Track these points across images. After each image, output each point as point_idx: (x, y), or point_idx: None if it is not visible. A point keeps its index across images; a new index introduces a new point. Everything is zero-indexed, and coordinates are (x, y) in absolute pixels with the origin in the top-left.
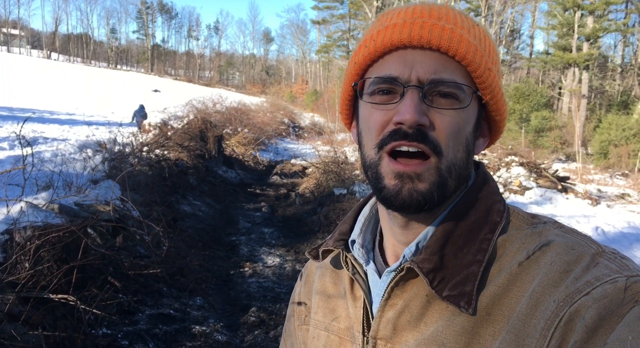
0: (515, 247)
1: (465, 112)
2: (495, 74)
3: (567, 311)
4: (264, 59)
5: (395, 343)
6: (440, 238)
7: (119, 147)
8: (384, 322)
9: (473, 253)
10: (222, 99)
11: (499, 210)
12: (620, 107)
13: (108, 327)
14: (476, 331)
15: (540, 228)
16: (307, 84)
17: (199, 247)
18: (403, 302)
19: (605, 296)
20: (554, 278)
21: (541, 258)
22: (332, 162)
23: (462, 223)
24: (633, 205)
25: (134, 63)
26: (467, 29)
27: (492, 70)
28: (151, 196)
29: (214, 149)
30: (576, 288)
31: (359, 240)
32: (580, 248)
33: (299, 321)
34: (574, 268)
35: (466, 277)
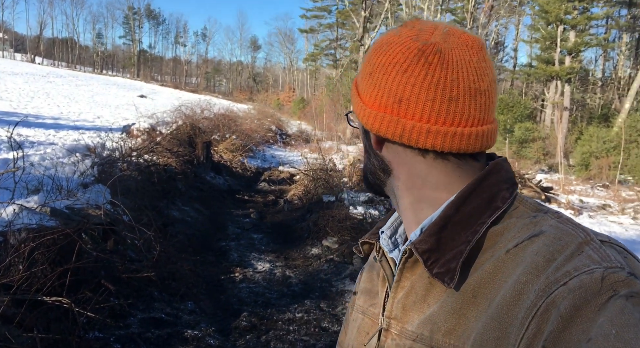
0: (510, 235)
1: (359, 128)
2: (354, 96)
3: (544, 301)
4: (252, 66)
5: (404, 323)
6: (440, 221)
7: (108, 152)
8: (396, 302)
9: (467, 234)
10: (210, 106)
11: (503, 197)
12: (601, 119)
13: (100, 330)
14: (463, 312)
15: (538, 218)
16: (294, 92)
17: (189, 252)
18: (410, 283)
19: (580, 287)
20: (536, 267)
21: (528, 247)
22: (320, 169)
23: (464, 208)
24: (614, 215)
25: (120, 68)
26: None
27: (351, 90)
28: (141, 201)
29: (203, 154)
30: (555, 278)
31: (387, 231)
32: (567, 237)
33: (351, 309)
34: (557, 258)
35: (454, 255)
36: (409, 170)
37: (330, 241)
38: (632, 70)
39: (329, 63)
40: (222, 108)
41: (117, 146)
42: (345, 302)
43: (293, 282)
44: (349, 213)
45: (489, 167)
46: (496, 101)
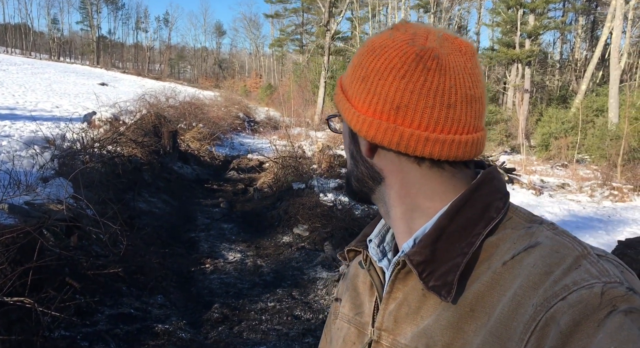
0: (506, 246)
1: (343, 130)
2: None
3: (543, 316)
4: (217, 52)
5: (396, 334)
6: (434, 232)
7: (68, 143)
8: (387, 314)
9: (462, 246)
10: (175, 94)
11: (497, 207)
12: (559, 101)
13: (66, 328)
14: (460, 326)
15: (534, 229)
16: (261, 78)
17: (157, 244)
18: (403, 295)
19: (580, 301)
20: (534, 280)
21: (525, 259)
22: (289, 156)
23: (458, 219)
24: (572, 194)
25: (79, 55)
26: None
27: (337, 94)
28: (105, 194)
29: (169, 144)
30: (553, 292)
31: (375, 239)
32: (564, 250)
33: (334, 316)
34: (555, 271)
35: (450, 268)
36: (403, 178)
37: (301, 229)
38: (587, 52)
39: (296, 48)
40: (187, 96)
41: (78, 137)
42: (317, 289)
43: (265, 271)
44: (319, 200)
45: (481, 177)
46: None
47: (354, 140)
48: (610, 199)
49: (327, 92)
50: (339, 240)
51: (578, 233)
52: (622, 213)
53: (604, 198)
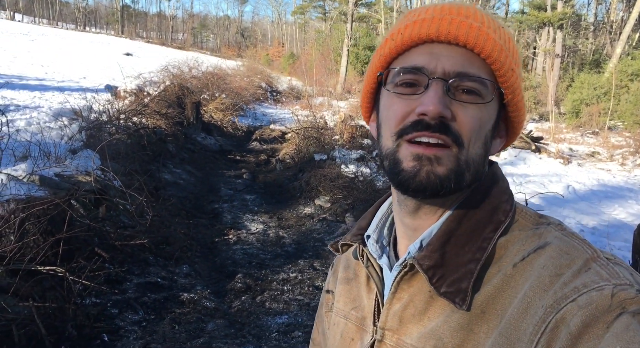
0: (515, 248)
1: (487, 109)
2: (517, 75)
3: (553, 317)
4: (239, 20)
5: (401, 334)
6: (443, 235)
7: (95, 115)
8: (391, 314)
9: (473, 251)
10: (198, 64)
11: (504, 209)
12: (592, 66)
13: (97, 296)
14: (471, 328)
15: (542, 230)
16: (283, 47)
17: (182, 215)
18: (409, 296)
19: (590, 303)
20: (544, 282)
21: (535, 260)
22: (311, 127)
23: (466, 221)
24: (602, 162)
25: (104, 25)
26: (493, 29)
27: (515, 71)
28: (131, 165)
29: (192, 115)
30: (563, 294)
31: (374, 235)
32: (574, 252)
33: (326, 308)
34: (565, 273)
35: (464, 274)
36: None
37: (323, 200)
38: (624, 13)
39: (318, 16)
40: (210, 66)
41: (105, 109)
42: None
43: (286, 242)
44: (341, 171)
45: (486, 177)
46: None
47: (494, 129)
48: None
49: (349, 61)
50: (361, 211)
51: (607, 203)
52: None
53: (636, 166)
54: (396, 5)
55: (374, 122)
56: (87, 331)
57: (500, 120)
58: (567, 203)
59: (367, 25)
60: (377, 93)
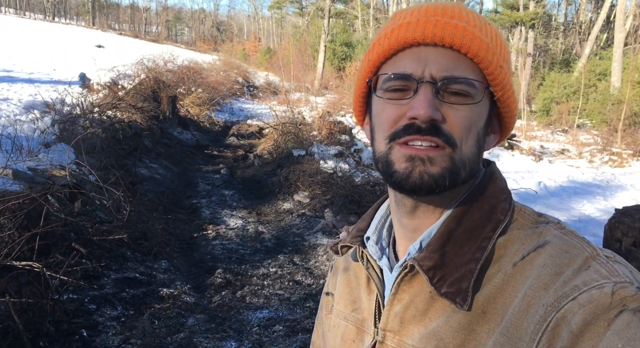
0: (515, 247)
1: (477, 108)
2: (506, 71)
3: (554, 316)
4: (215, 14)
5: (402, 335)
6: (442, 236)
7: (68, 108)
8: (392, 315)
9: (473, 251)
10: (173, 57)
11: (503, 208)
12: (562, 65)
13: (74, 292)
14: (472, 328)
15: (541, 229)
16: (260, 42)
17: (159, 210)
18: (409, 297)
19: (590, 301)
20: (544, 280)
21: (535, 259)
22: (289, 123)
23: (465, 221)
24: (572, 159)
25: (74, 16)
26: (479, 27)
27: (503, 67)
28: (107, 160)
29: (168, 109)
30: (564, 292)
31: (373, 236)
32: (573, 250)
33: (326, 310)
34: (565, 271)
35: (464, 274)
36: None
37: (302, 195)
38: (593, 14)
39: (295, 11)
40: (186, 60)
41: (78, 102)
42: (318, 255)
43: (266, 237)
44: (320, 167)
45: (485, 176)
46: None
47: (485, 128)
48: (609, 164)
49: (326, 57)
50: (340, 207)
51: (576, 198)
52: (621, 179)
53: (603, 163)
54: (373, 2)
55: (367, 125)
56: (65, 327)
57: (493, 116)
58: (539, 200)
59: (344, 21)
60: (368, 97)
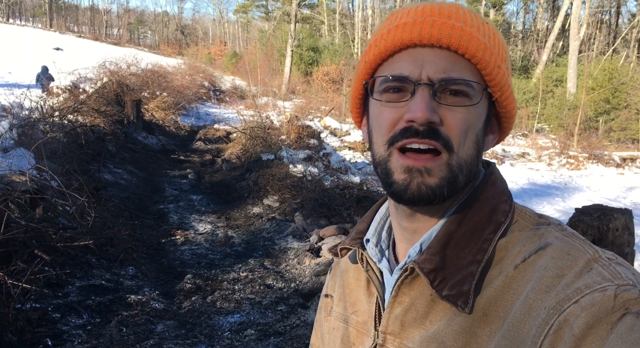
0: (516, 249)
1: (475, 109)
2: (505, 71)
3: (556, 319)
4: (179, 17)
5: (403, 338)
6: (443, 238)
7: (26, 112)
8: (393, 318)
9: (474, 253)
10: (137, 61)
11: (504, 210)
12: (521, 71)
13: (37, 301)
14: (474, 331)
15: (542, 230)
16: (225, 46)
17: (125, 216)
18: (410, 299)
19: (593, 304)
20: (546, 283)
21: (536, 261)
22: (257, 127)
23: (466, 223)
24: (532, 162)
25: (29, 17)
26: (476, 27)
27: (501, 67)
28: (69, 165)
29: (132, 113)
30: (566, 295)
31: (373, 239)
32: (575, 252)
33: (325, 312)
34: (567, 274)
35: (465, 277)
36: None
37: (271, 200)
38: (549, 22)
39: (261, 15)
40: (150, 63)
41: (37, 106)
42: (289, 259)
43: (236, 241)
44: (289, 171)
45: (484, 178)
46: None
47: (485, 129)
48: (566, 167)
49: (293, 61)
50: (310, 210)
51: (537, 200)
52: (578, 181)
53: (561, 166)
54: (339, 8)
55: (365, 126)
56: (28, 336)
57: (492, 116)
58: None
59: (310, 26)
60: (365, 99)
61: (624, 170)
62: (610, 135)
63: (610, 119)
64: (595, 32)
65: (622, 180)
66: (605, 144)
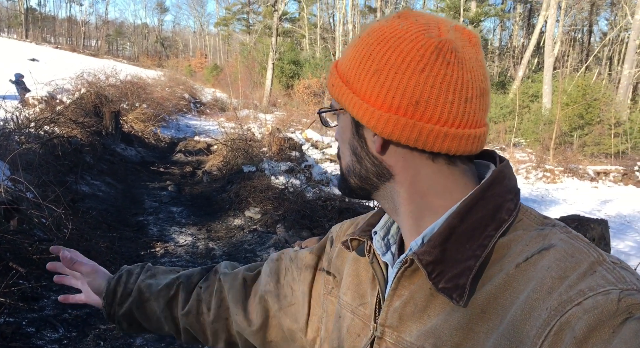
0: (519, 248)
1: (340, 123)
2: (337, 86)
3: (557, 321)
4: (159, 29)
5: (401, 331)
6: (444, 232)
7: (0, 123)
8: (391, 311)
9: (474, 248)
10: (116, 72)
11: (508, 208)
12: (498, 87)
13: (10, 314)
14: (471, 327)
15: (546, 231)
16: (206, 58)
17: (103, 228)
18: (409, 293)
19: (596, 307)
20: (548, 284)
21: (539, 262)
22: (238, 139)
23: (469, 219)
24: None
25: (4, 28)
26: (340, 63)
27: (334, 85)
28: (45, 176)
29: (111, 125)
30: (568, 297)
31: (381, 232)
32: (579, 255)
33: (324, 289)
34: (570, 275)
35: (462, 270)
36: (415, 175)
37: (253, 211)
38: (525, 39)
39: (242, 28)
40: (129, 75)
41: (12, 116)
42: None
43: (217, 253)
44: (271, 183)
45: (493, 175)
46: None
47: (358, 136)
48: (543, 181)
49: (274, 74)
50: (292, 222)
51: None
52: (554, 194)
53: (537, 179)
54: (319, 22)
55: None
56: None
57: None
58: None
59: (292, 39)
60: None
61: (598, 183)
62: (585, 149)
63: (585, 133)
64: (569, 49)
65: (596, 193)
66: (580, 158)
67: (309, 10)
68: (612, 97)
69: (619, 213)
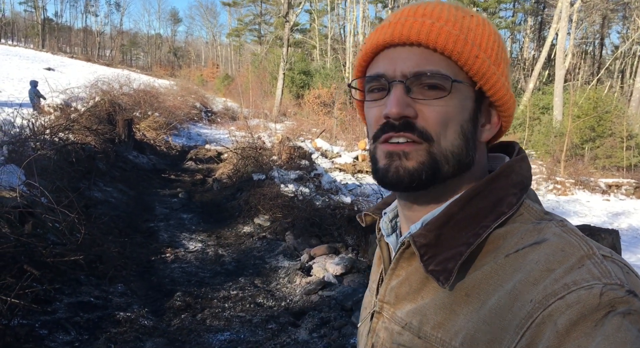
0: (514, 240)
1: (452, 101)
2: (485, 60)
3: (540, 313)
4: (172, 40)
5: (396, 309)
6: (442, 217)
7: (17, 129)
8: (389, 289)
9: (468, 236)
10: (129, 81)
11: (510, 202)
12: None
13: (24, 317)
14: (453, 309)
15: (542, 225)
16: (218, 68)
17: (115, 234)
18: (406, 273)
19: (578, 302)
20: (535, 276)
21: (529, 254)
22: (249, 147)
23: (468, 208)
24: None
25: (22, 38)
26: (451, 21)
27: (479, 57)
28: (60, 182)
29: (124, 133)
30: (553, 290)
31: (390, 213)
32: (570, 249)
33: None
34: (556, 268)
35: (452, 255)
36: (477, 170)
37: (262, 219)
38: (535, 51)
39: (254, 39)
40: (142, 84)
41: (28, 123)
42: (279, 277)
43: (226, 260)
44: (280, 191)
45: (501, 168)
46: None
47: (475, 119)
48: (554, 193)
49: (285, 84)
50: (301, 230)
51: None
52: (565, 206)
53: (548, 191)
54: (330, 33)
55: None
56: None
57: (485, 106)
58: None
59: (302, 50)
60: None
61: (609, 196)
62: (596, 162)
63: (596, 146)
64: (580, 62)
65: (607, 206)
66: (591, 170)
67: (320, 22)
68: (624, 109)
69: (631, 226)
